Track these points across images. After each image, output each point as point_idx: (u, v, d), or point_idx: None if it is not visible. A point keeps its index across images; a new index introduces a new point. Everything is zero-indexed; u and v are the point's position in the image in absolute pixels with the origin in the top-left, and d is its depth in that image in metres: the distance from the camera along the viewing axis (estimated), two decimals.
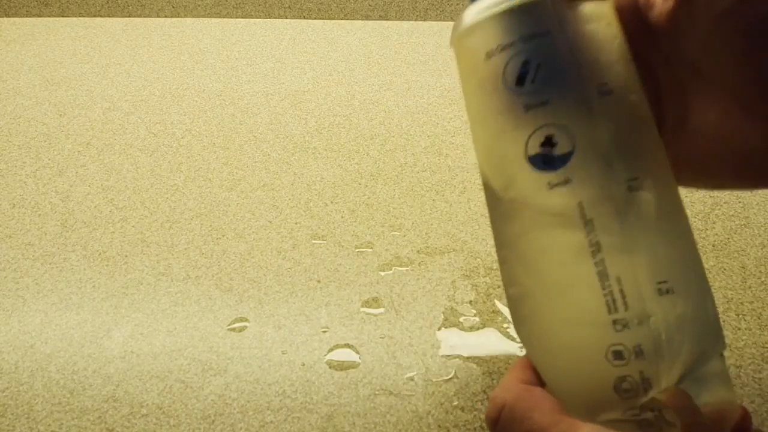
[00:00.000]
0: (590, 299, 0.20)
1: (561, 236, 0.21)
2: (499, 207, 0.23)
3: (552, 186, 0.21)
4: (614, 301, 0.20)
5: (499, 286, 0.38)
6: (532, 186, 0.21)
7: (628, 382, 0.19)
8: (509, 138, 0.22)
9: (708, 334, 0.20)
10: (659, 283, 0.20)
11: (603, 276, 0.20)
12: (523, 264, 0.22)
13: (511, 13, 0.21)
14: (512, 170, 0.22)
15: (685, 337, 0.20)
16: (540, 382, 0.21)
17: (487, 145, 0.23)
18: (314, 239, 0.41)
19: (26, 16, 0.79)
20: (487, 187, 0.24)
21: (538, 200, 0.21)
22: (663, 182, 0.21)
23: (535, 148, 0.21)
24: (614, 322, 0.20)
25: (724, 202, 0.45)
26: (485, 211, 0.24)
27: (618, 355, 0.20)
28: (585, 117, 0.20)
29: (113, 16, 0.79)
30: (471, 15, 0.23)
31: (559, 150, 0.21)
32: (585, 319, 0.20)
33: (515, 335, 0.34)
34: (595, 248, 0.20)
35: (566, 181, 0.21)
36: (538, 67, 0.21)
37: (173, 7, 0.79)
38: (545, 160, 0.21)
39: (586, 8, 0.22)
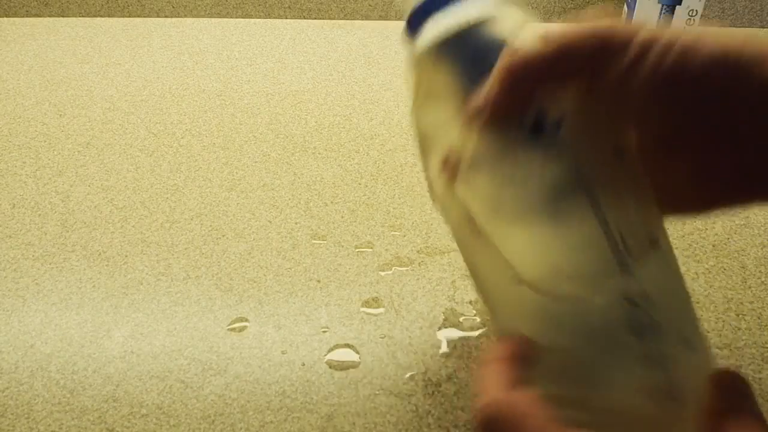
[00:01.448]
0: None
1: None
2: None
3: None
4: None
5: None
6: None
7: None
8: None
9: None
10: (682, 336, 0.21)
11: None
12: None
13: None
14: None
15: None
16: (525, 379, 0.20)
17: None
18: (314, 239, 0.41)
19: (26, 16, 0.79)
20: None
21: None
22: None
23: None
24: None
25: None
26: None
27: None
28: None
29: (113, 16, 0.79)
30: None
31: None
32: None
33: None
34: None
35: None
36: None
37: (173, 7, 0.79)
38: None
39: None
